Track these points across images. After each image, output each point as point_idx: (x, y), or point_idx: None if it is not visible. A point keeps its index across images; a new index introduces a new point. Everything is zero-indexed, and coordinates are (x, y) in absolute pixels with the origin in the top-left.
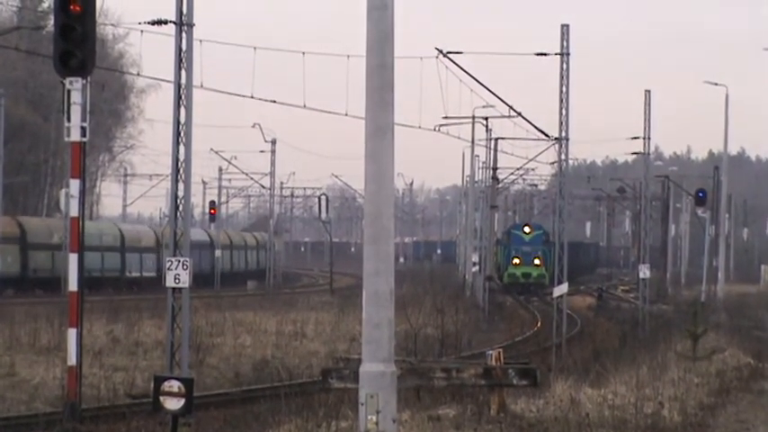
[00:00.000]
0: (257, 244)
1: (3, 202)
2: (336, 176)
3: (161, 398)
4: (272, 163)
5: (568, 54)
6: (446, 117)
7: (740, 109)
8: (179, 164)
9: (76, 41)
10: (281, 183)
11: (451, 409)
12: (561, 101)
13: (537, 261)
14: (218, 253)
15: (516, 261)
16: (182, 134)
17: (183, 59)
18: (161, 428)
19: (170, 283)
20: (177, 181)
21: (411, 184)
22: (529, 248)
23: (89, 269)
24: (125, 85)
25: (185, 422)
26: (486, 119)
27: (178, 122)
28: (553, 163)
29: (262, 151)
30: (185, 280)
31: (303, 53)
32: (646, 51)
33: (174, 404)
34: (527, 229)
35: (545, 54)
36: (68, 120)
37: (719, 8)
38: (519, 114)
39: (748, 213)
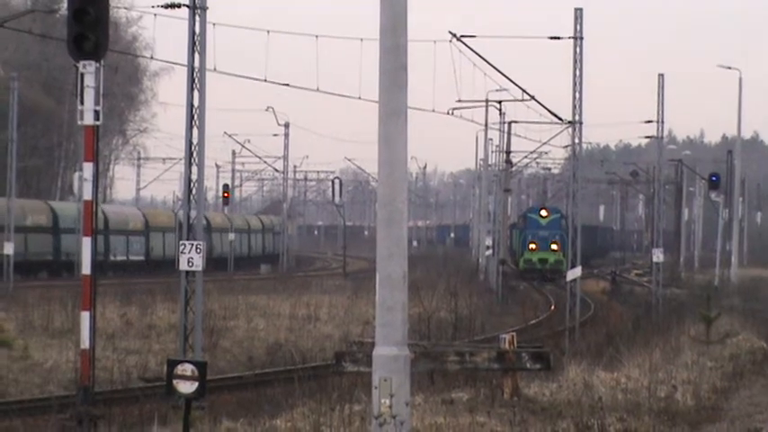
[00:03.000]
0: (263, 227)
1: (17, 185)
2: (350, 160)
3: (174, 381)
4: (286, 146)
5: (582, 38)
6: (459, 101)
7: (754, 93)
8: (192, 147)
9: (90, 25)
10: (295, 166)
11: (465, 392)
12: (575, 84)
13: (554, 246)
14: (231, 236)
15: (533, 246)
16: (195, 117)
17: (196, 43)
18: (174, 412)
19: (183, 266)
20: (191, 164)
21: (424, 167)
22: (546, 233)
23: (66, 252)
24: (138, 68)
25: (198, 406)
26: (500, 102)
27: (191, 106)
28: (566, 147)
29: (275, 135)
30: (198, 263)
31: (316, 36)
32: (659, 35)
33: (187, 388)
34: (544, 213)
35: (558, 38)
36: (81, 103)
37: None
38: (532, 98)
39: (762, 197)
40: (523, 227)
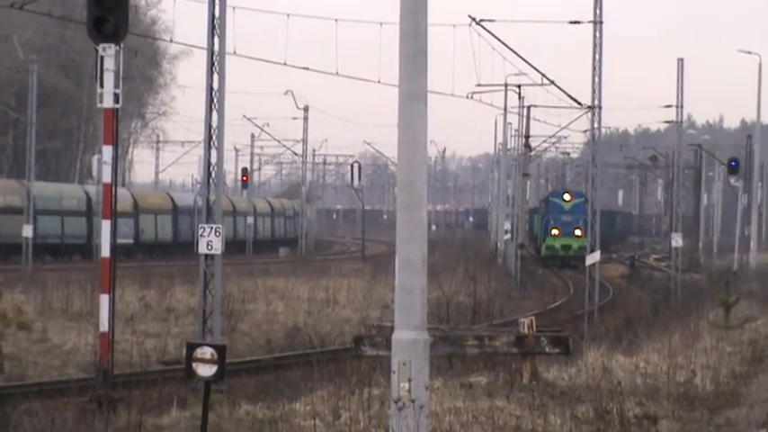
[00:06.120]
0: (272, 211)
1: (35, 167)
2: (369, 144)
3: (193, 364)
4: (305, 130)
5: (602, 22)
6: (479, 84)
7: None
8: (212, 131)
9: (110, 7)
10: (314, 150)
11: (484, 376)
12: (594, 69)
13: (578, 232)
14: (249, 220)
15: (555, 232)
16: (214, 101)
17: (215, 26)
18: (193, 395)
19: (203, 249)
20: (210, 148)
21: (444, 151)
22: (569, 218)
23: (45, 234)
24: (158, 51)
25: (217, 389)
26: (519, 86)
27: (211, 89)
28: (586, 131)
29: (294, 118)
30: (218, 247)
31: (336, 20)
32: (679, 19)
33: (206, 371)
34: (567, 197)
35: (578, 22)
36: (101, 86)
37: None
38: (552, 82)
39: None
40: (545, 211)
